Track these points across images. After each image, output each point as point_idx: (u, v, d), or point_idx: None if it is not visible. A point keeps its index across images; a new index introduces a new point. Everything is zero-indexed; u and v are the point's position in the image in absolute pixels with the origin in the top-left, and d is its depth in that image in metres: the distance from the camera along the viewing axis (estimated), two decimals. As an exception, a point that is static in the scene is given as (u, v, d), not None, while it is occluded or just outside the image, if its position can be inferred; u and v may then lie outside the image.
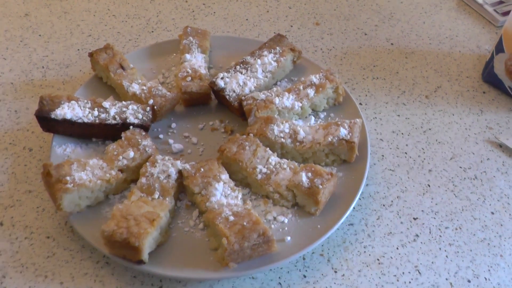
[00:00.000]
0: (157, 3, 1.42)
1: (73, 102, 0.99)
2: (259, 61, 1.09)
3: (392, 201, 0.98)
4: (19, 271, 0.87)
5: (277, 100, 1.02)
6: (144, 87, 1.05)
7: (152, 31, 1.33)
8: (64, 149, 0.99)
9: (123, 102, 1.01)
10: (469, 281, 0.87)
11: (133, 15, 1.38)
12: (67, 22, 1.36)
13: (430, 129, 1.12)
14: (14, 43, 1.29)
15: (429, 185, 1.02)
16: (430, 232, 0.94)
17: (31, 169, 1.02)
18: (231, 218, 0.81)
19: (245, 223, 0.80)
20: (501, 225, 0.96)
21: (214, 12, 1.39)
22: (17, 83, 1.19)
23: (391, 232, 0.94)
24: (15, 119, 1.11)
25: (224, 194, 0.87)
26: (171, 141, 1.02)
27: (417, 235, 0.93)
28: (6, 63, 1.24)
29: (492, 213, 0.97)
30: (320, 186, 0.87)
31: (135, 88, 1.05)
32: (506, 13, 1.41)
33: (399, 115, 1.14)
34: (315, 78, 1.06)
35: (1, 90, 1.17)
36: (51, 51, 1.27)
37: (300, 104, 1.03)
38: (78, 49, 1.28)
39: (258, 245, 0.79)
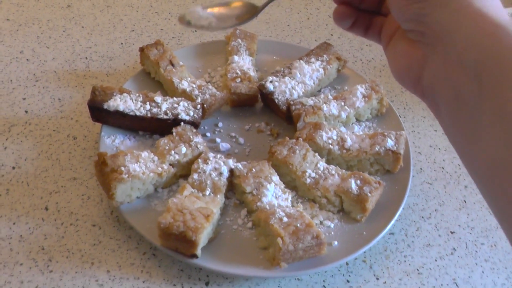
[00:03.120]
0: (199, 2, 1.44)
1: (125, 94, 1.00)
2: (307, 67, 1.11)
3: (430, 213, 1.00)
4: (65, 256, 0.88)
5: (325, 107, 1.04)
6: (194, 85, 1.07)
7: (195, 30, 1.34)
8: (112, 140, 1.00)
9: (174, 98, 1.02)
10: (506, 297, 0.90)
11: (176, 14, 1.39)
12: (109, 16, 1.37)
13: (466, 146, 1.14)
14: (57, 33, 1.31)
15: (465, 201, 1.04)
16: (466, 247, 0.96)
17: (76, 157, 1.03)
18: (285, 219, 0.83)
19: (298, 225, 0.82)
20: (536, 244, 0.98)
21: (256, 16, 1.41)
22: (60, 72, 1.20)
23: (429, 244, 0.96)
24: (58, 107, 1.12)
25: (275, 195, 0.89)
26: (218, 139, 1.04)
27: (454, 249, 0.95)
28: (49, 51, 1.25)
29: (527, 232, 1.00)
30: (369, 194, 0.89)
31: (185, 85, 1.06)
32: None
33: (436, 130, 1.17)
34: (361, 88, 1.08)
35: (44, 78, 1.18)
36: (94, 43, 1.29)
37: (346, 113, 1.05)
38: (122, 43, 1.29)
39: (310, 247, 0.81)
